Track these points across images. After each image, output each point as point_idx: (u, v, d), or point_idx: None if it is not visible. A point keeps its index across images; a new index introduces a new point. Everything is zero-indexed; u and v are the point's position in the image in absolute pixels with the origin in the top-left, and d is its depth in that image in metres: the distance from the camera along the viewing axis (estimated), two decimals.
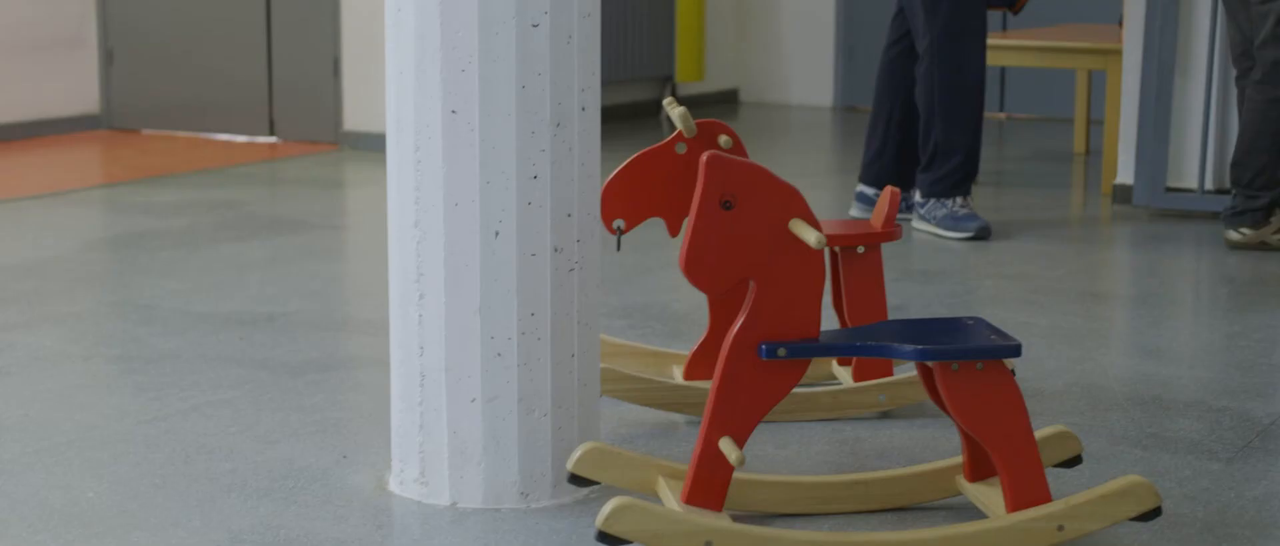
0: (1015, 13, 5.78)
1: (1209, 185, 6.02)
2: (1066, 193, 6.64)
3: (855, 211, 5.91)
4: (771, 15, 9.69)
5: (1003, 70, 9.20)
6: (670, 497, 2.72)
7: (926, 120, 5.63)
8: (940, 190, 5.61)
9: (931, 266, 5.14)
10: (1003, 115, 9.31)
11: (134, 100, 8.39)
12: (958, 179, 5.61)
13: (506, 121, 2.80)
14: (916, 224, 5.68)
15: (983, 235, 5.53)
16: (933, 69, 5.56)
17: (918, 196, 5.70)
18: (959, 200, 5.61)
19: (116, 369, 3.90)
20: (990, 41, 6.33)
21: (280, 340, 4.14)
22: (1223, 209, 5.57)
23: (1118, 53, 6.46)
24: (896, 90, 5.80)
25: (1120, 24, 6.28)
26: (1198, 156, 5.99)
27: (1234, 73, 5.66)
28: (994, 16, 8.77)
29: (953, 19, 5.53)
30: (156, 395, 3.64)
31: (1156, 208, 6.04)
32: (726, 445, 2.63)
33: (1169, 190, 6.03)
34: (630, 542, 2.56)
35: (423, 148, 2.83)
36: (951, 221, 5.58)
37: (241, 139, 8.14)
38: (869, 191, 5.87)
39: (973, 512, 2.84)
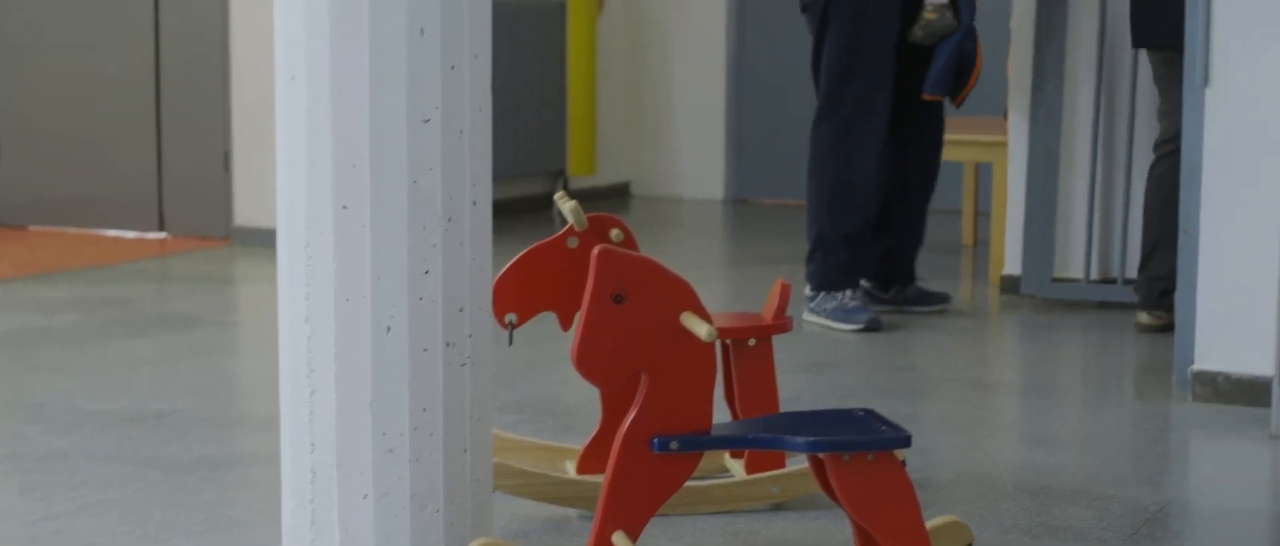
0: (956, 105, 5.83)
1: (1094, 275, 6.10)
2: (955, 283, 6.71)
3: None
4: (663, 109, 9.76)
5: None
6: None
7: (813, 209, 5.67)
8: (828, 283, 5.64)
9: (823, 358, 5.17)
10: None
11: (21, 196, 8.32)
12: (844, 272, 5.64)
13: (398, 216, 2.80)
14: (807, 316, 5.70)
15: (872, 327, 5.56)
16: (825, 161, 5.60)
17: (807, 289, 5.73)
18: (847, 293, 5.64)
19: (3, 468, 3.85)
20: None
21: (170, 438, 4.10)
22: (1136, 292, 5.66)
23: (1003, 144, 6.55)
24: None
25: (1005, 116, 6.37)
26: (1083, 246, 6.07)
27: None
28: None
29: (852, 116, 5.56)
30: (44, 495, 3.60)
31: (1043, 297, 6.11)
32: (620, 539, 2.63)
33: (1055, 280, 6.10)
34: None
35: (314, 243, 2.83)
36: (842, 314, 5.61)
37: (131, 234, 8.08)
38: (866, 284, 5.90)
39: None
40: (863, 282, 5.88)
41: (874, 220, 5.69)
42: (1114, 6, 5.96)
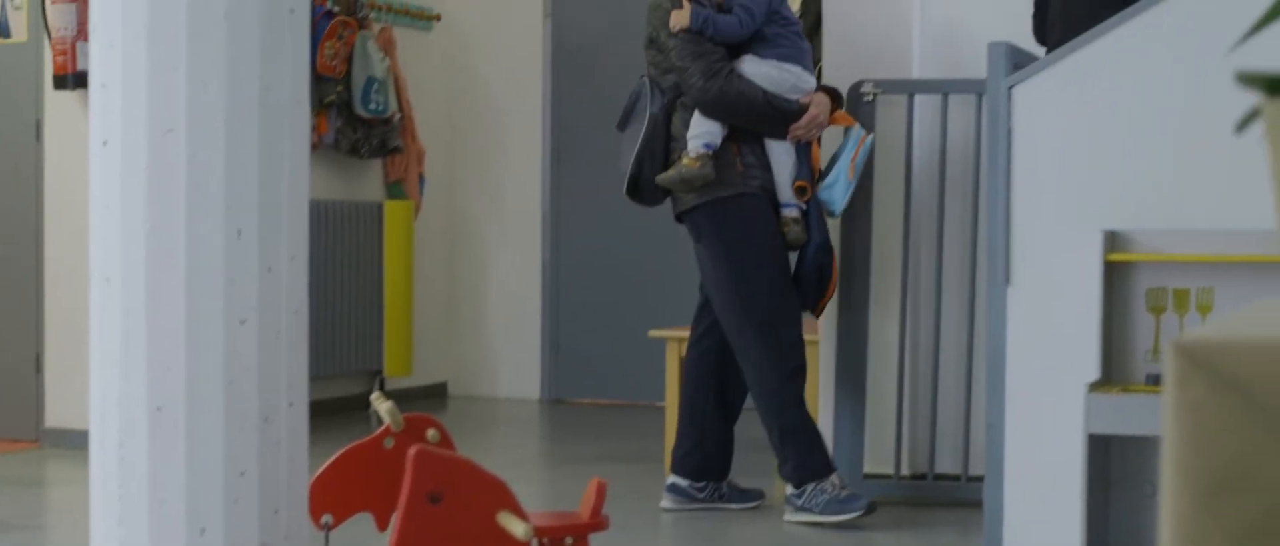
0: (815, 315, 5.92)
1: (905, 471, 6.19)
2: (769, 480, 6.77)
3: (667, 503, 5.90)
4: (480, 309, 9.80)
5: None
6: None
7: (765, 412, 5.64)
8: (813, 473, 5.59)
9: None
10: None
11: None
12: (822, 456, 5.62)
13: (214, 418, 2.80)
14: (793, 517, 5.61)
15: (871, 510, 5.55)
16: (759, 360, 5.61)
17: (789, 490, 5.65)
18: (833, 478, 5.61)
19: None
20: (680, 334, 6.47)
21: None
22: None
23: (814, 342, 6.66)
24: (709, 383, 5.85)
25: (817, 315, 6.48)
26: (893, 442, 6.16)
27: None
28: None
29: (769, 309, 5.61)
30: None
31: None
32: None
33: (867, 477, 6.18)
34: None
35: (127, 445, 2.81)
36: (837, 505, 5.53)
37: None
38: (682, 482, 5.89)
39: None
40: (676, 479, 5.90)
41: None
42: (917, 213, 6.11)
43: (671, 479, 5.95)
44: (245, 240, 2.82)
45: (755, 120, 5.68)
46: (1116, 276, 4.56)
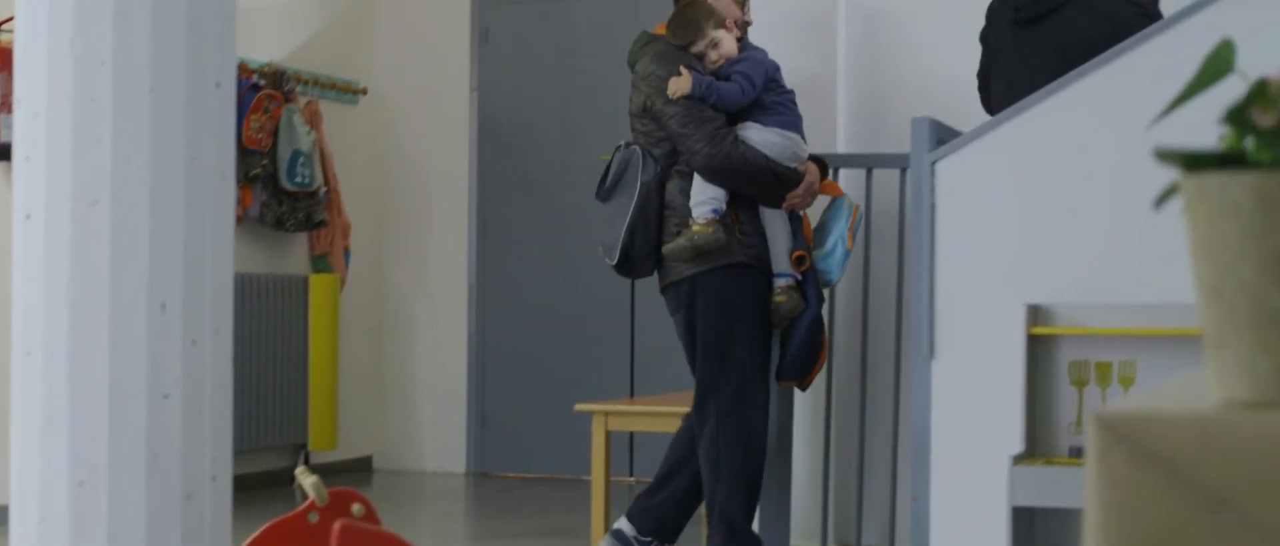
0: (802, 389, 5.89)
1: (831, 543, 6.19)
2: None
3: (604, 544, 5.82)
4: (405, 382, 9.76)
5: (631, 435, 9.39)
6: None
7: (711, 492, 5.57)
8: None
9: None
10: (633, 479, 9.48)
11: None
12: (752, 539, 5.59)
13: (136, 492, 2.78)
14: None
15: None
16: (719, 429, 5.57)
17: None
18: None
19: None
20: (620, 408, 6.46)
21: None
22: None
23: None
24: (692, 461, 5.72)
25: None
26: (819, 514, 6.16)
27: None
28: (673, 370, 8.97)
29: (742, 387, 5.58)
30: None
31: None
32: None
33: None
34: None
35: (48, 520, 2.79)
36: None
37: None
38: (629, 531, 5.78)
39: None
40: (625, 526, 5.79)
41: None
42: (843, 285, 6.14)
43: (620, 524, 5.87)
44: (169, 313, 2.80)
45: (758, 187, 5.62)
46: (1040, 349, 4.60)
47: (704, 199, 5.55)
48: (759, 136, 5.62)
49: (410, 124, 9.61)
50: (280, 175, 8.48)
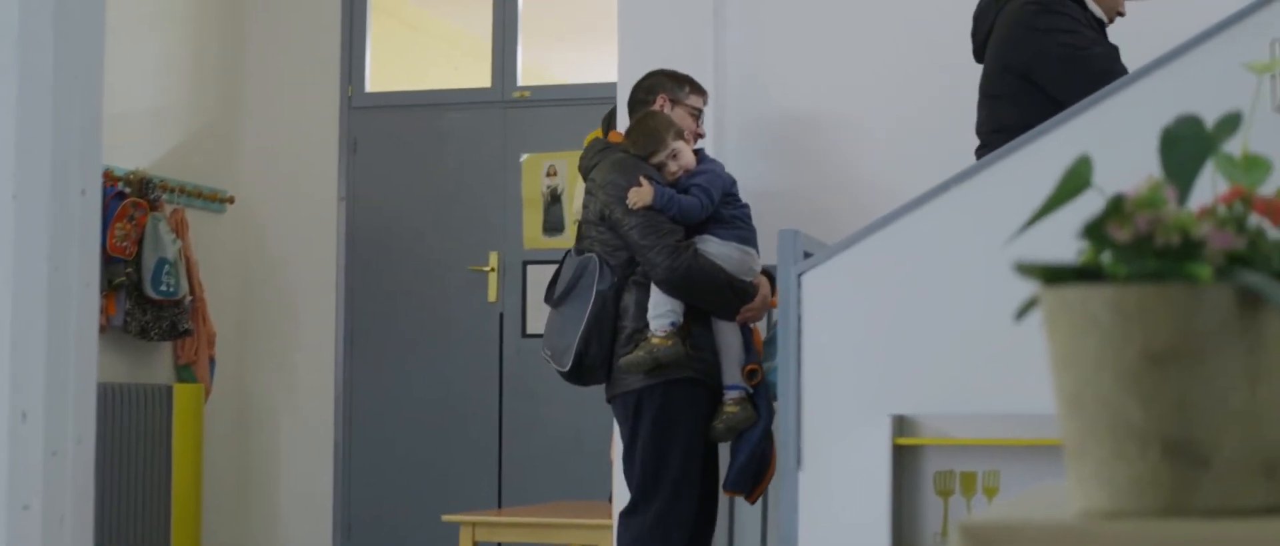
0: (751, 502, 5.87)
1: None
2: None
3: None
4: (270, 493, 9.65)
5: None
6: None
7: None
8: None
9: None
10: None
11: None
12: None
13: None
14: None
15: None
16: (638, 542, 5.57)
17: None
18: None
19: None
20: (488, 519, 6.43)
21: None
22: None
23: (607, 527, 6.65)
24: None
25: (609, 499, 6.48)
26: None
27: None
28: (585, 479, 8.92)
29: (670, 504, 5.52)
30: None
31: None
32: None
33: None
34: None
35: None
36: None
37: None
38: None
39: None
40: None
41: None
42: None
43: None
44: (30, 423, 2.77)
45: (716, 300, 5.61)
46: (906, 459, 4.64)
47: (663, 311, 5.54)
48: (718, 250, 5.64)
49: (277, 233, 9.55)
50: (145, 284, 8.39)
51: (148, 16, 8.81)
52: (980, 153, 5.25)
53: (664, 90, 5.81)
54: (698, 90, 5.87)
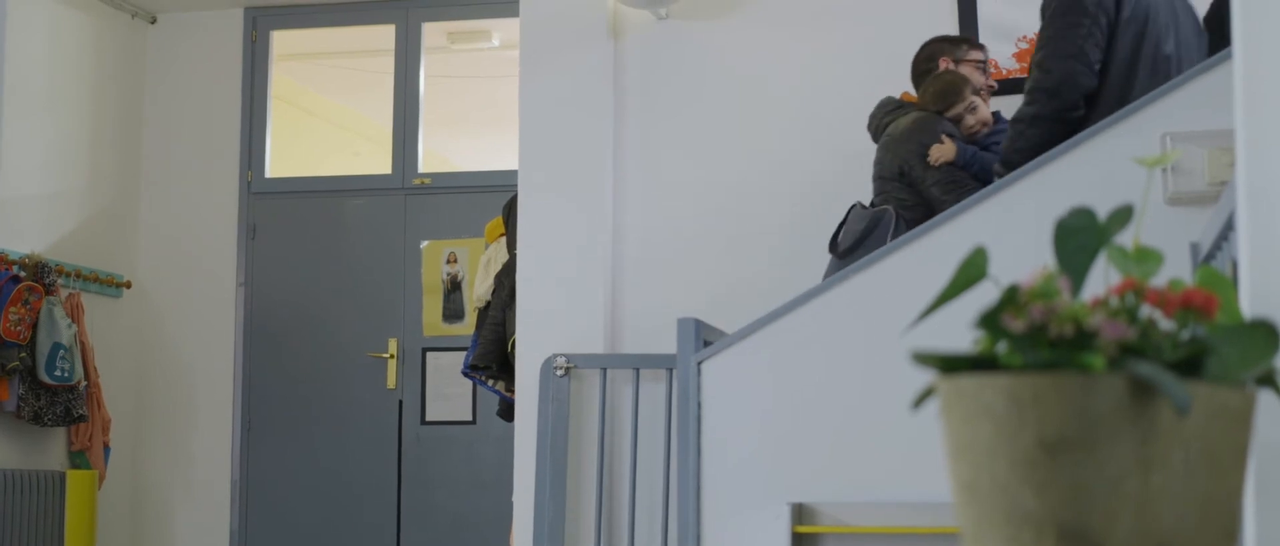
0: None
1: None
2: None
3: None
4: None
5: None
6: None
7: None
8: None
9: None
10: None
11: None
12: None
13: None
14: None
15: None
16: None
17: None
18: None
19: None
20: None
21: None
22: None
23: None
24: None
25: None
26: None
27: None
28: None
29: None
30: None
31: None
32: None
33: None
34: None
35: None
36: None
37: None
38: None
39: None
40: None
41: None
42: (610, 484, 6.16)
43: None
44: None
45: None
46: None
47: None
48: None
49: (175, 318, 9.48)
50: (39, 368, 8.30)
51: (44, 99, 8.75)
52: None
53: (944, 54, 5.80)
54: (976, 46, 5.86)
